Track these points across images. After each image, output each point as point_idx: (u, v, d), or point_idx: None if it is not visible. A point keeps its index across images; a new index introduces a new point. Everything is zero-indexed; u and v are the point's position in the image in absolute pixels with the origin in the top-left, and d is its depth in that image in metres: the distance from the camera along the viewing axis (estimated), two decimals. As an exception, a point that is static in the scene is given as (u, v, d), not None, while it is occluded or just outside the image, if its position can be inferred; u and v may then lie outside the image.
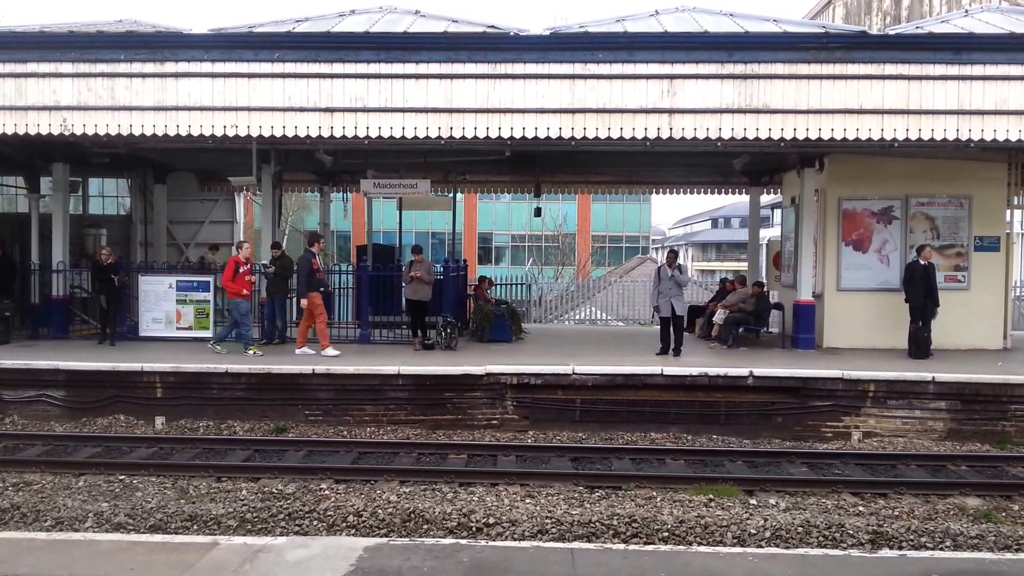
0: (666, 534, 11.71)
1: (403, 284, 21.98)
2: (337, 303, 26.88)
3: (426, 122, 18.49)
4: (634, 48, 18.29)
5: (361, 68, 18.55)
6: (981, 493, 13.90)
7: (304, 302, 20.62)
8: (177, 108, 18.81)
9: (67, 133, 19.15)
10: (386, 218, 35.36)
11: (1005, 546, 11.47)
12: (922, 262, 20.14)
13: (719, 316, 22.75)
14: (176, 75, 18.82)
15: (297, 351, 20.27)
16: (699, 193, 30.93)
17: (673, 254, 21.91)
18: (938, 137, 18.07)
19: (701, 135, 18.28)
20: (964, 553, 11.07)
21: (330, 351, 20.08)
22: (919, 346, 19.92)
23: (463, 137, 18.60)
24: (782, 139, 18.33)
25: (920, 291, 20.02)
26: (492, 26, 18.97)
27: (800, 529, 11.79)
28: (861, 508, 13.04)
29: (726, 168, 25.99)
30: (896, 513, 12.80)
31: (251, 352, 19.87)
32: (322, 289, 21.08)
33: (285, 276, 22.07)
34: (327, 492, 13.44)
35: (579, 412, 18.03)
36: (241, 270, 20.56)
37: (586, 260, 68.56)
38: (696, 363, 18.98)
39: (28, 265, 23.90)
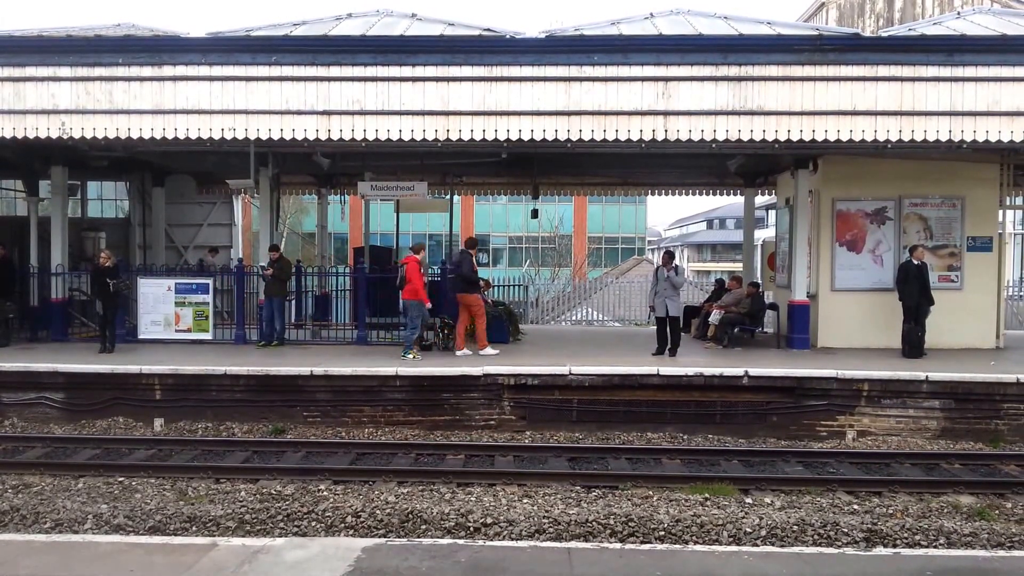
0: (662, 533, 11.72)
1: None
2: (335, 305, 26.89)
3: (423, 124, 18.50)
4: (629, 50, 18.32)
5: (358, 71, 18.56)
6: (974, 491, 13.92)
7: (476, 300, 20.92)
8: (175, 111, 18.81)
9: (65, 136, 19.16)
10: (384, 220, 35.24)
11: (998, 544, 11.49)
12: (915, 262, 20.18)
13: (715, 317, 22.77)
14: (174, 78, 18.83)
15: (458, 353, 20.44)
16: (694, 194, 31.02)
17: (668, 255, 21.88)
18: (931, 138, 18.10)
19: (696, 137, 18.31)
20: (958, 551, 11.09)
21: (489, 350, 20.48)
22: (913, 346, 19.96)
23: (460, 139, 18.59)
24: (776, 140, 18.35)
25: (915, 291, 20.08)
26: (488, 29, 19.00)
27: (795, 527, 11.81)
28: (856, 506, 13.05)
29: (721, 169, 26.06)
30: (890, 511, 12.81)
31: (410, 356, 19.88)
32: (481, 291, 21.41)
33: (283, 278, 22.12)
34: (325, 493, 13.43)
35: (576, 412, 18.03)
36: (422, 271, 20.74)
37: (582, 261, 68.65)
38: (692, 363, 19.00)
39: (27, 268, 23.86)
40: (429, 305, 20.53)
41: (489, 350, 20.43)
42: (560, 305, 38.60)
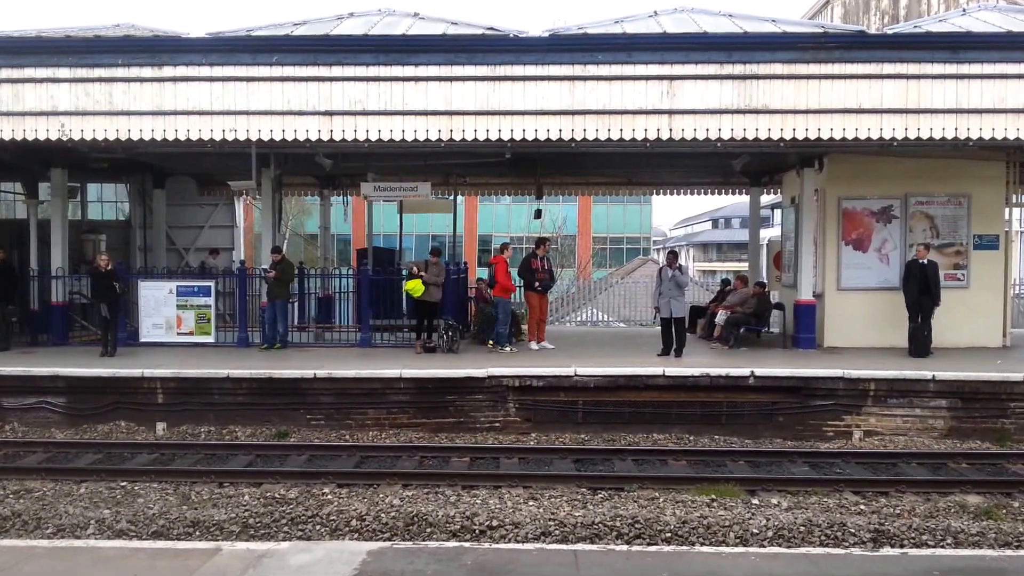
0: (669, 535, 11.75)
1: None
2: (338, 307, 26.89)
3: (426, 124, 18.55)
4: (633, 49, 18.36)
5: (360, 71, 18.61)
6: (981, 491, 13.94)
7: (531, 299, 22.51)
8: (176, 112, 18.87)
9: (65, 138, 19.20)
10: (387, 221, 35.38)
11: (1005, 543, 11.52)
12: (920, 261, 20.20)
13: (720, 317, 22.78)
14: (174, 79, 18.87)
15: (533, 346, 22.11)
16: (699, 194, 30.98)
17: (673, 255, 21.90)
18: (936, 136, 18.16)
19: (701, 136, 18.36)
20: (965, 551, 11.11)
21: (532, 345, 22.20)
22: (919, 345, 19.98)
23: (463, 139, 18.65)
24: (781, 139, 18.41)
25: (914, 289, 20.15)
26: (491, 28, 19.03)
27: (802, 528, 11.84)
28: (863, 507, 13.08)
29: (726, 169, 26.01)
30: (897, 511, 12.83)
31: (507, 349, 21.34)
32: (538, 287, 22.15)
33: (286, 280, 22.12)
34: (330, 496, 13.45)
35: (581, 414, 18.07)
36: (508, 269, 21.85)
37: (587, 262, 68.53)
38: (698, 364, 19.02)
39: (27, 271, 23.87)
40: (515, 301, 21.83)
41: (532, 345, 22.18)
42: (565, 306, 38.53)
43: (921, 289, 20.12)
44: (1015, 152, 21.31)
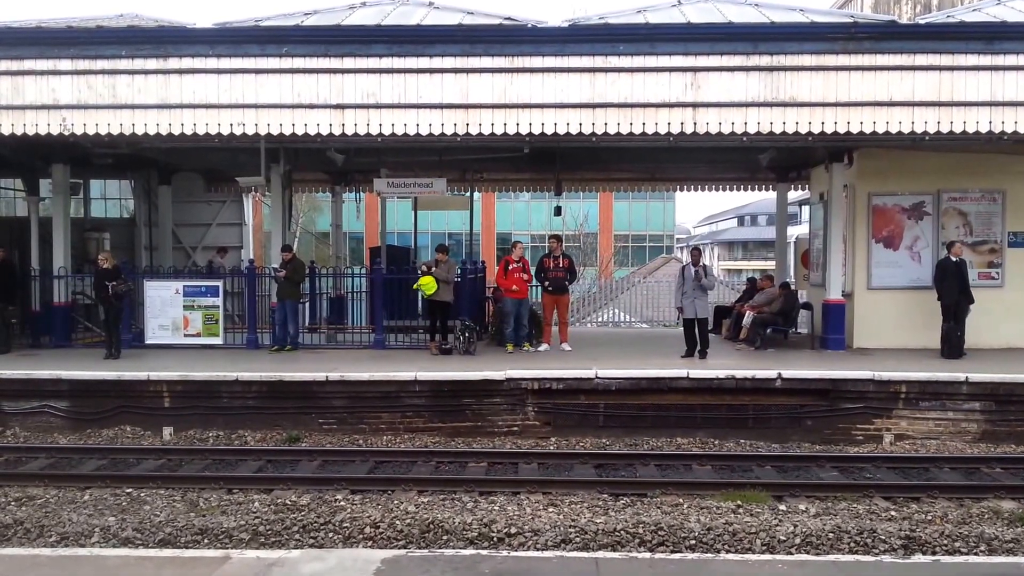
0: (693, 542, 11.73)
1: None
2: (350, 307, 26.92)
3: (441, 118, 18.53)
4: (656, 40, 18.33)
5: (373, 63, 18.59)
6: (1016, 496, 13.88)
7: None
8: (181, 106, 18.84)
9: (67, 133, 19.20)
10: (401, 218, 35.36)
11: (1041, 551, 11.52)
12: (953, 258, 20.16)
13: (747, 319, 22.73)
14: (180, 71, 18.86)
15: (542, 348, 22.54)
16: (724, 190, 30.94)
17: (697, 252, 21.89)
18: (970, 129, 18.08)
19: (726, 129, 18.31)
20: (999, 558, 11.09)
21: (543, 347, 22.55)
22: (952, 346, 19.92)
23: (480, 133, 18.64)
24: (810, 133, 18.34)
25: (954, 289, 20.05)
26: (509, 18, 19.01)
27: (831, 535, 11.82)
28: (893, 513, 13.05)
29: (752, 164, 26.00)
30: (929, 517, 12.81)
31: (509, 349, 21.84)
32: (547, 286, 22.48)
33: (296, 280, 22.17)
34: (343, 503, 13.47)
35: (603, 417, 18.09)
36: (511, 267, 22.00)
37: (609, 260, 68.50)
38: (723, 365, 19.05)
39: (28, 271, 23.92)
40: (528, 300, 22.66)
41: (543, 346, 22.51)
42: (585, 306, 38.49)
43: (959, 289, 20.09)
44: (1052, 146, 21.25)
